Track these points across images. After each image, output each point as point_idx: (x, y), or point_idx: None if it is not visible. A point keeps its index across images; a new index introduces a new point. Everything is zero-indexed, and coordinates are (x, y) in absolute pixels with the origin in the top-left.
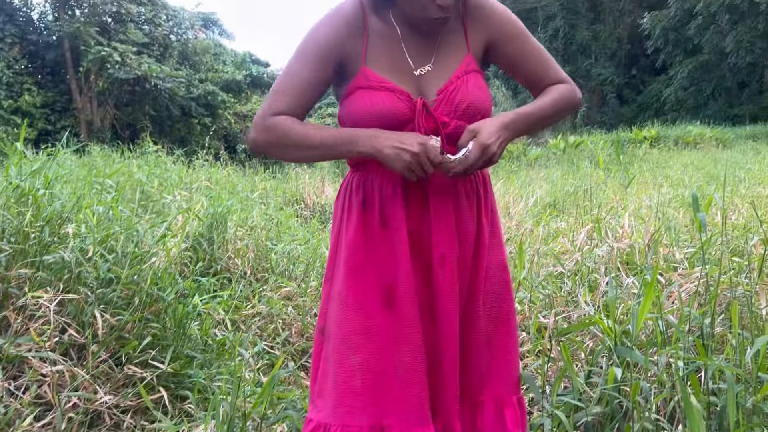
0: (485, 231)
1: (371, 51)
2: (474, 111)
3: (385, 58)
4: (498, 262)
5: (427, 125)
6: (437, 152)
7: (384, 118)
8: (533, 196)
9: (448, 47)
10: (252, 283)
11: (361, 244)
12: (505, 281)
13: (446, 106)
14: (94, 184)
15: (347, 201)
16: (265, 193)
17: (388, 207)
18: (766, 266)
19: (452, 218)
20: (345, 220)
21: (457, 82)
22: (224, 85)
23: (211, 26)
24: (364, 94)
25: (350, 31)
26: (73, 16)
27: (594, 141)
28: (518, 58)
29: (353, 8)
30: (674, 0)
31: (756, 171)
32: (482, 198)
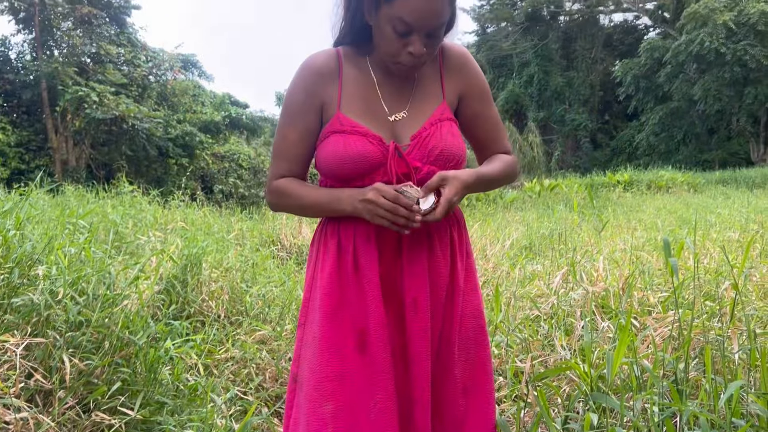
0: (460, 275)
1: (346, 97)
2: (446, 157)
3: (360, 103)
4: (473, 307)
5: (399, 169)
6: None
7: (356, 162)
8: (510, 239)
9: (424, 94)
10: (226, 327)
11: (335, 288)
12: (481, 327)
13: (419, 152)
14: (66, 224)
15: (322, 245)
16: (241, 234)
17: (362, 251)
18: (737, 310)
19: (425, 262)
20: (320, 264)
21: (430, 128)
22: (203, 126)
23: (191, 68)
24: (338, 138)
25: (325, 79)
26: (51, 56)
27: (568, 185)
28: (479, 118)
29: (327, 57)
30: (644, 49)
31: (726, 215)
32: (456, 241)
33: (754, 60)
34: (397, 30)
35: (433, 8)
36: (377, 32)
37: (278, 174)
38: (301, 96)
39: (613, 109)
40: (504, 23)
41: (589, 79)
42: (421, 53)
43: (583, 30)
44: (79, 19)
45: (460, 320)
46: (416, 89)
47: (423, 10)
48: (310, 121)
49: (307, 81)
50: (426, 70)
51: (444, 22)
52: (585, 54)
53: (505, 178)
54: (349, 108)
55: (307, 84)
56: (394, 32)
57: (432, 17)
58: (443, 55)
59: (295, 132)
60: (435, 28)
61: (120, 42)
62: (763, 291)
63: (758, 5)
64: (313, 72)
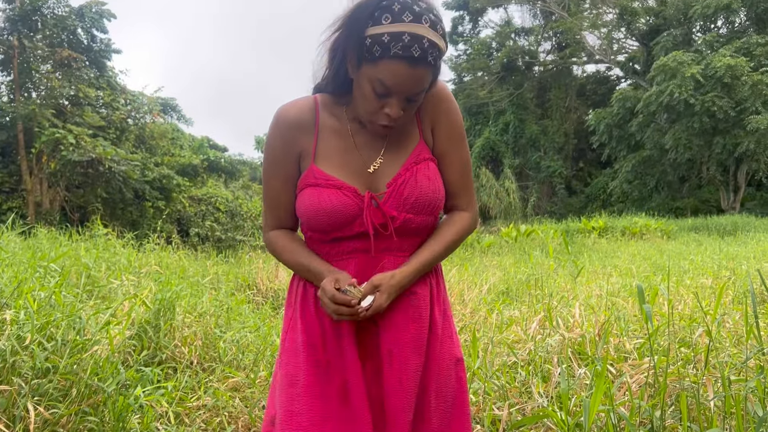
0: (438, 323)
1: (321, 148)
2: (422, 204)
3: (336, 154)
4: (451, 355)
5: (375, 219)
6: (345, 296)
7: (331, 216)
8: (487, 284)
9: (400, 135)
10: (198, 373)
11: (317, 337)
12: (459, 377)
13: (395, 200)
14: (37, 267)
15: (301, 288)
16: (216, 278)
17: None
18: (711, 357)
19: (402, 312)
20: (299, 309)
21: (405, 174)
22: (180, 169)
23: (171, 111)
24: (313, 191)
25: (300, 131)
26: (29, 98)
27: (544, 230)
28: (445, 158)
29: (303, 107)
30: (616, 99)
31: (699, 262)
32: (434, 290)
33: (722, 111)
34: (377, 90)
35: (416, 76)
36: (357, 88)
37: (270, 225)
38: (279, 146)
39: (587, 156)
40: (480, 72)
41: (563, 127)
42: (397, 116)
43: (557, 80)
44: (58, 62)
45: (437, 369)
46: (392, 136)
47: (405, 75)
48: (290, 170)
49: (283, 132)
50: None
51: (424, 89)
52: (559, 103)
53: (454, 247)
54: (325, 159)
55: (282, 134)
56: (373, 92)
57: (413, 84)
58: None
59: (277, 180)
60: (414, 94)
61: (99, 85)
62: (737, 337)
63: (724, 59)
64: (289, 124)
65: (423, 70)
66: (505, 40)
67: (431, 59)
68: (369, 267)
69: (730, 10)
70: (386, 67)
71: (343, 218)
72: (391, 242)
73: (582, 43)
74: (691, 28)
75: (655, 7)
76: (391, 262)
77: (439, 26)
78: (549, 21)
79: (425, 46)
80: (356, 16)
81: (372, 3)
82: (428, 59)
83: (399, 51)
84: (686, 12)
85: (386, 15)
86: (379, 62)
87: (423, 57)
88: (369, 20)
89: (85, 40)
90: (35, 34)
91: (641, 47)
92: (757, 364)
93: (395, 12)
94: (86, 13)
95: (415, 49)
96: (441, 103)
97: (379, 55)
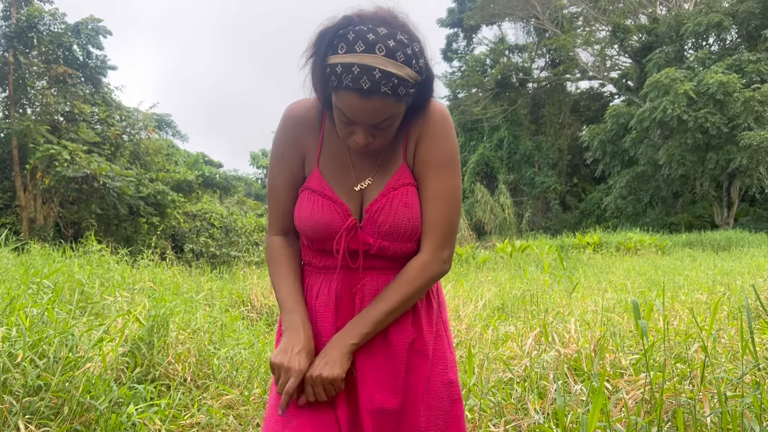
0: (429, 345)
1: (324, 154)
2: (396, 233)
3: (334, 165)
4: (443, 378)
5: (353, 245)
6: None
7: (318, 230)
8: (482, 299)
9: (387, 158)
10: (192, 391)
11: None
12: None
13: (371, 227)
14: (30, 284)
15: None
16: (210, 294)
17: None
18: (707, 373)
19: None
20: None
21: (381, 200)
22: (175, 185)
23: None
24: (310, 197)
25: (307, 129)
26: (24, 114)
27: (539, 246)
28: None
29: (312, 106)
30: (609, 115)
31: (693, 277)
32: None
33: (715, 127)
34: (341, 119)
35: (370, 107)
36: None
37: (273, 228)
38: (286, 145)
39: (581, 172)
40: (475, 89)
41: (557, 143)
42: (364, 144)
43: (550, 96)
44: (54, 79)
45: (425, 391)
46: (383, 157)
47: (358, 107)
48: (295, 170)
49: (291, 128)
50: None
51: (387, 117)
52: (553, 119)
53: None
54: (326, 166)
55: (290, 133)
56: (339, 119)
57: (370, 115)
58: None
59: (282, 179)
60: (377, 123)
61: (95, 101)
62: (733, 353)
63: (716, 76)
64: (297, 120)
65: (378, 100)
66: (499, 56)
67: (386, 89)
68: (351, 284)
69: (721, 28)
70: (341, 98)
71: (328, 234)
72: (373, 261)
73: (575, 59)
74: (683, 45)
75: (647, 25)
76: (373, 279)
77: (399, 53)
78: (542, 38)
79: (376, 78)
80: (318, 44)
81: (330, 31)
82: (381, 90)
83: (349, 83)
84: (678, 29)
85: (341, 44)
86: (336, 92)
87: (375, 89)
88: (329, 48)
89: (80, 57)
90: (31, 51)
91: (634, 64)
92: (753, 380)
93: (349, 41)
94: (82, 29)
95: (365, 81)
96: (428, 126)
97: (335, 86)
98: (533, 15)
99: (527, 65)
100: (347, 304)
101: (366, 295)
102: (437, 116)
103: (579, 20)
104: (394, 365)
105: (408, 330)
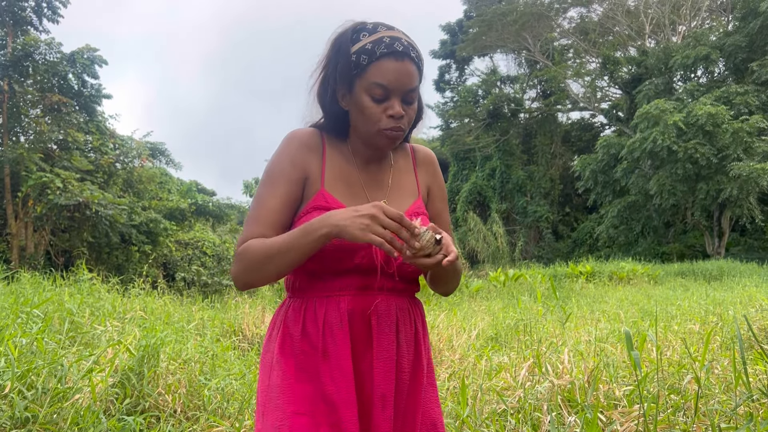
0: (423, 370)
1: (329, 175)
2: None
3: (343, 186)
4: (433, 403)
5: (381, 254)
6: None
7: (341, 246)
8: (476, 329)
9: (400, 187)
10: (182, 422)
11: (304, 379)
12: (440, 422)
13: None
14: (20, 313)
15: (284, 329)
16: (202, 324)
17: (332, 339)
18: (701, 404)
19: (394, 355)
20: (280, 349)
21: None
22: (168, 213)
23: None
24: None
25: (311, 153)
26: (17, 141)
27: (532, 275)
28: (439, 218)
29: (313, 132)
30: (600, 145)
31: (686, 307)
32: (421, 333)
33: (704, 158)
34: (375, 96)
35: (405, 69)
36: (355, 110)
37: (246, 239)
38: (287, 164)
39: (573, 201)
40: (467, 119)
41: (549, 172)
42: (400, 114)
43: (542, 126)
44: (48, 107)
45: (422, 416)
46: (393, 180)
47: (395, 70)
48: (293, 191)
49: (294, 151)
50: (401, 163)
51: (416, 87)
52: (545, 149)
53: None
54: (333, 187)
55: (293, 153)
56: (372, 100)
57: (405, 78)
58: (414, 152)
59: (274, 199)
60: (409, 91)
61: (89, 129)
62: (726, 384)
63: (705, 108)
64: (301, 143)
65: (409, 64)
66: (490, 87)
67: (414, 55)
68: (361, 306)
69: (709, 61)
70: (376, 68)
71: (349, 248)
72: (387, 281)
73: (566, 91)
74: (672, 77)
75: (636, 57)
76: (384, 301)
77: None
78: (534, 69)
79: (405, 44)
80: (337, 47)
81: (347, 30)
82: (411, 54)
83: (384, 50)
84: (667, 62)
85: (363, 32)
86: (368, 68)
87: (406, 51)
88: (350, 43)
89: (75, 86)
90: (26, 79)
91: (624, 95)
92: (746, 411)
93: (370, 28)
94: (78, 58)
95: (398, 45)
96: (433, 167)
97: (367, 62)
98: (524, 47)
99: (519, 96)
100: (361, 326)
101: (381, 316)
102: (433, 155)
103: (569, 52)
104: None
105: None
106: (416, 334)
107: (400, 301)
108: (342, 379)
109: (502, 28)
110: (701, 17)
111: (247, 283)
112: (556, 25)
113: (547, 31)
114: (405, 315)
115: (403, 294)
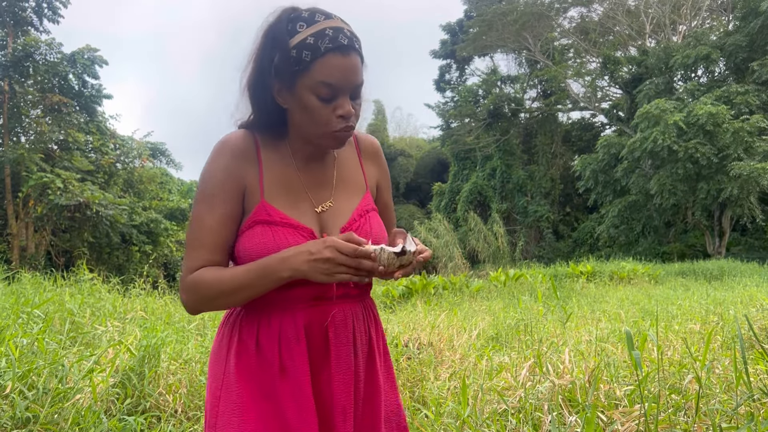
0: (379, 374)
1: (268, 183)
2: None
3: (284, 192)
4: (395, 406)
5: None
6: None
7: None
8: (476, 329)
9: (347, 182)
10: (183, 422)
11: (257, 396)
12: (403, 427)
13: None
14: (20, 314)
15: (236, 341)
16: (202, 324)
17: (288, 354)
18: (702, 404)
19: (351, 365)
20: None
21: (360, 220)
22: (168, 213)
23: (160, 156)
24: (266, 230)
25: (246, 159)
26: (17, 142)
27: (533, 274)
28: (387, 209)
29: (245, 138)
30: (601, 145)
31: (686, 307)
32: (374, 339)
33: (705, 157)
34: (322, 95)
35: (351, 64)
36: (297, 110)
37: (194, 268)
38: (221, 178)
39: (574, 201)
40: (467, 119)
41: (549, 172)
42: (351, 113)
43: (542, 126)
44: (48, 107)
45: (384, 422)
46: (338, 177)
47: (342, 67)
48: (232, 206)
49: (228, 162)
50: (345, 156)
51: (362, 82)
52: (545, 149)
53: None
54: (274, 196)
55: (227, 164)
56: (318, 99)
57: (352, 74)
58: (358, 142)
59: (213, 217)
60: (356, 87)
61: (89, 130)
62: (727, 383)
63: (705, 107)
64: (234, 152)
65: (355, 57)
66: (491, 87)
67: (358, 47)
68: (318, 318)
69: (710, 60)
70: (322, 65)
71: None
72: (341, 288)
73: (566, 90)
74: (672, 77)
75: (636, 57)
76: (340, 311)
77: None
78: (534, 69)
79: (349, 35)
80: (271, 39)
81: (281, 20)
82: (356, 46)
83: (329, 44)
84: (667, 61)
85: (300, 23)
86: (313, 65)
87: (351, 44)
88: (287, 35)
89: (76, 86)
90: (26, 80)
91: (624, 95)
92: (747, 411)
93: (307, 17)
94: (78, 59)
95: (342, 38)
96: (379, 157)
97: (310, 59)
98: (525, 47)
99: (519, 96)
100: (318, 340)
101: (338, 327)
102: (378, 143)
103: (570, 52)
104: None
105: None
106: (370, 339)
107: (355, 307)
108: (301, 397)
109: (503, 27)
110: (702, 17)
111: (199, 310)
112: (556, 25)
113: (548, 30)
114: (360, 322)
115: (357, 299)
